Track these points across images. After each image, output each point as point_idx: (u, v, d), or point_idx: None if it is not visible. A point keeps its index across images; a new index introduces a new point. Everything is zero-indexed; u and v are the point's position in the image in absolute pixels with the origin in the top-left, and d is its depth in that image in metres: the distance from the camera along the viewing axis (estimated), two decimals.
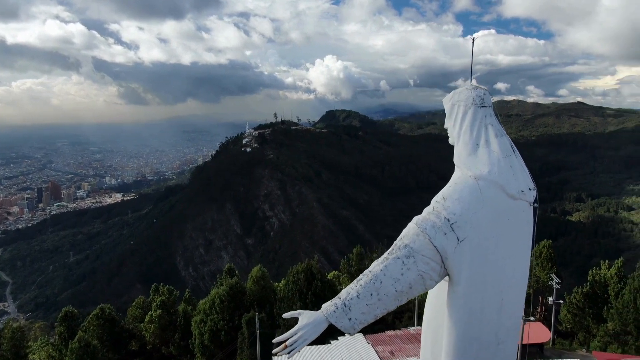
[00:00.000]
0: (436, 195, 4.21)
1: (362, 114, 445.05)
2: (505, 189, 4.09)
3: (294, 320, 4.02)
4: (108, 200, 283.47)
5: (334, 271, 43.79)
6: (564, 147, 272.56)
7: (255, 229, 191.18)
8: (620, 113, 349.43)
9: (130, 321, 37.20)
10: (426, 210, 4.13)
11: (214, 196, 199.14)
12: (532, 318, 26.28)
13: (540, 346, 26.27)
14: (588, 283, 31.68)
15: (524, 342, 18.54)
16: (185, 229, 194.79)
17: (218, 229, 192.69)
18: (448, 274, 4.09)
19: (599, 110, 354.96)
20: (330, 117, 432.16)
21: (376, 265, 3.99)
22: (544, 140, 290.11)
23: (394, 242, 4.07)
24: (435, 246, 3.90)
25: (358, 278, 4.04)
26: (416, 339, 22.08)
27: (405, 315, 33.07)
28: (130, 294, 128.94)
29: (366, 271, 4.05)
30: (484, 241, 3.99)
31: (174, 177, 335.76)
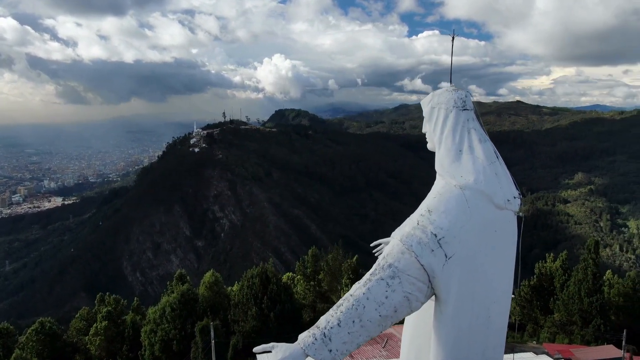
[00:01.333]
0: (419, 207, 3.90)
1: (311, 113, 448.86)
2: (491, 199, 3.86)
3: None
4: (47, 205, 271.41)
5: (288, 273, 43.35)
6: (505, 144, 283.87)
7: (205, 230, 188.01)
8: (556, 111, 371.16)
9: (74, 334, 35.38)
10: (409, 224, 3.78)
11: (162, 198, 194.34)
12: None
13: None
14: (535, 276, 32.85)
15: None
16: (132, 232, 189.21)
17: (166, 231, 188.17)
18: (435, 294, 3.76)
19: (536, 109, 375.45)
20: (280, 116, 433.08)
21: (358, 289, 3.61)
22: None
23: (377, 262, 3.72)
24: (422, 265, 3.59)
25: (338, 304, 3.65)
26: (375, 340, 22.02)
27: None
28: (74, 303, 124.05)
29: (346, 295, 3.67)
30: (472, 256, 3.74)
31: (119, 179, 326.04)
